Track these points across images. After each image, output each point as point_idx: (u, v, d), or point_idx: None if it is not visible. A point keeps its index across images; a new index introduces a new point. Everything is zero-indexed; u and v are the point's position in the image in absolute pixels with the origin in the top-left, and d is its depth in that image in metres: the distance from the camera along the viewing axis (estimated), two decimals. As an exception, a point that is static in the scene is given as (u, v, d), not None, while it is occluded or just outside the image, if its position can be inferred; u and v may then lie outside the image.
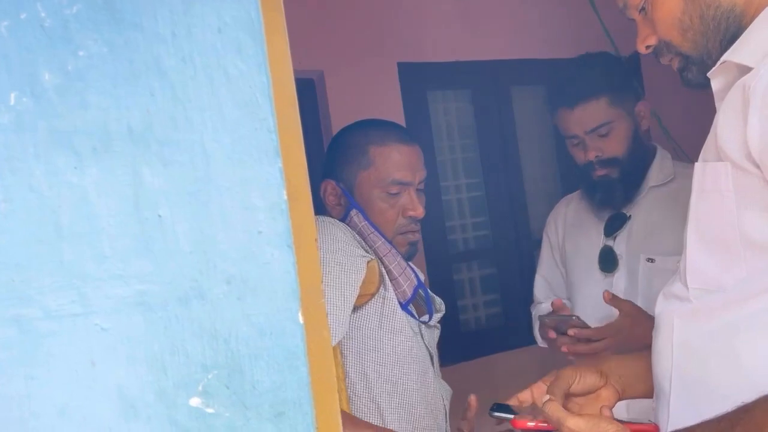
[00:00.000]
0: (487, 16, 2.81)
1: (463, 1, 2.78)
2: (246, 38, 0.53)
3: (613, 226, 1.52)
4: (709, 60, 0.80)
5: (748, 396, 0.72)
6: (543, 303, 1.71)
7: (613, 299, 1.33)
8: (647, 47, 0.87)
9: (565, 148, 3.36)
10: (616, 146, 1.46)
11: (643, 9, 0.84)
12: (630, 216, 1.51)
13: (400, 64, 2.68)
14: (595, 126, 1.44)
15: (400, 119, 2.65)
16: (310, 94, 2.59)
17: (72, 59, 0.48)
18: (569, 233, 1.67)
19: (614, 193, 1.49)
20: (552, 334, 1.41)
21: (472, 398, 0.93)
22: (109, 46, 0.49)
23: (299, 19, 2.41)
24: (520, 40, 2.87)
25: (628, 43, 1.21)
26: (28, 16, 0.47)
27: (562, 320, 1.38)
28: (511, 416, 0.86)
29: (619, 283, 1.49)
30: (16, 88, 0.46)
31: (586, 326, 1.37)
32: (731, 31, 0.78)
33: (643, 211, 1.50)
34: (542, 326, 1.45)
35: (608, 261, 1.51)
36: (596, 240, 1.55)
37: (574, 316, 1.39)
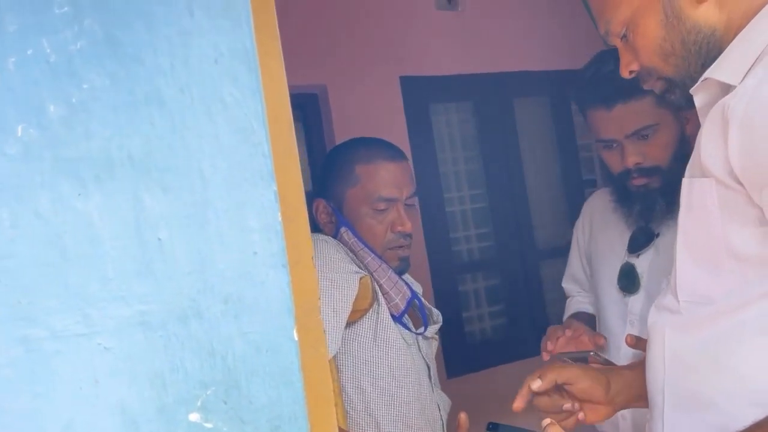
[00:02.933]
0: (488, 28, 2.84)
1: (463, 14, 2.81)
2: (241, 68, 0.56)
3: (638, 243, 1.32)
4: (691, 82, 0.82)
5: (740, 405, 0.73)
6: (577, 296, 1.55)
7: (637, 343, 1.15)
8: (630, 72, 0.88)
9: (568, 158, 3.37)
10: (659, 152, 1.23)
11: (624, 36, 0.86)
12: (658, 234, 1.29)
13: (402, 78, 2.72)
14: (637, 129, 1.22)
15: (403, 132, 2.68)
16: (313, 109, 2.63)
17: (76, 92, 0.51)
18: (595, 237, 1.47)
19: (655, 206, 1.27)
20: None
21: (462, 417, 0.93)
22: (111, 78, 0.52)
23: (302, 34, 2.45)
24: (521, 52, 2.89)
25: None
26: (34, 52, 0.49)
27: (579, 357, 1.24)
28: None
29: (635, 306, 1.31)
30: (23, 121, 0.49)
31: (607, 363, 1.22)
32: (712, 54, 0.79)
33: (673, 230, 1.21)
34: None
35: (628, 280, 1.33)
36: (619, 252, 1.36)
37: (592, 351, 1.25)
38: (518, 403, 0.95)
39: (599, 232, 1.45)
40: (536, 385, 0.94)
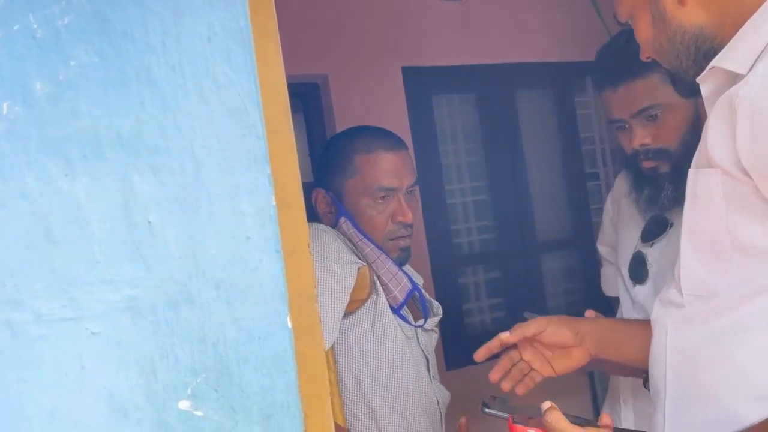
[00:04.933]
0: (492, 20, 2.82)
1: (467, 5, 2.78)
2: (235, 47, 0.54)
3: (651, 232, 1.29)
4: (687, 76, 0.83)
5: (740, 399, 0.72)
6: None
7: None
8: (647, 57, 0.89)
9: (570, 151, 3.35)
10: (667, 134, 1.19)
11: (627, 24, 0.87)
12: (672, 223, 1.25)
13: (404, 69, 2.69)
14: (642, 108, 1.19)
15: (405, 123, 2.66)
16: (314, 98, 2.61)
17: (63, 69, 0.49)
18: (619, 220, 1.43)
19: (663, 191, 1.22)
20: None
21: (462, 421, 0.92)
22: (100, 55, 0.50)
23: (304, 24, 2.42)
24: (524, 43, 2.87)
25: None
26: (20, 27, 0.48)
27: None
28: (506, 415, 0.85)
29: (639, 295, 1.29)
30: (8, 98, 0.47)
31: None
32: (703, 50, 0.79)
33: None
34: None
35: (637, 270, 1.31)
36: (634, 240, 1.33)
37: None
38: (480, 355, 1.02)
39: (621, 217, 1.41)
40: (505, 335, 1.00)
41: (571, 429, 0.77)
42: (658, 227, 1.28)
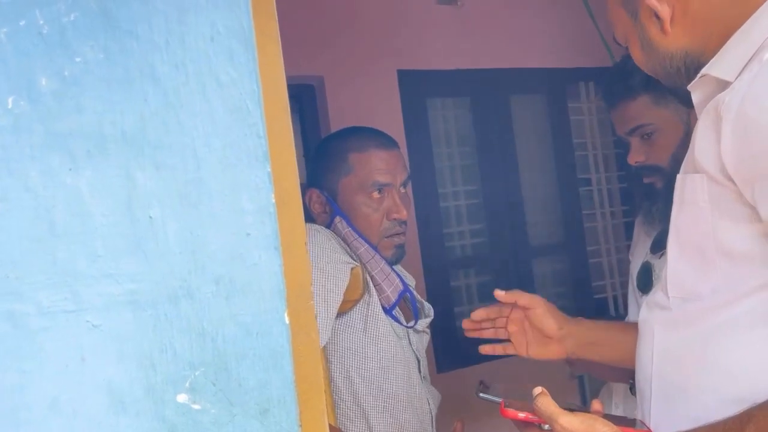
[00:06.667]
0: (487, 24, 2.84)
1: (462, 9, 2.80)
2: (237, 46, 0.55)
3: (660, 243, 1.33)
4: (680, 92, 0.86)
5: (724, 400, 0.73)
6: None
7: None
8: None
9: (563, 156, 3.37)
10: (659, 153, 1.28)
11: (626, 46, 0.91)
12: None
13: (399, 72, 2.70)
14: (633, 127, 1.29)
15: (399, 126, 2.67)
16: (310, 100, 2.61)
17: (69, 65, 0.50)
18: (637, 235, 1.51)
19: (656, 206, 1.31)
20: None
21: (458, 425, 0.93)
22: (105, 52, 0.51)
23: (300, 25, 2.43)
24: (519, 48, 2.89)
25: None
26: (26, 23, 0.48)
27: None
28: (499, 400, 0.85)
29: None
30: (14, 92, 0.48)
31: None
32: (693, 69, 0.83)
33: None
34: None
35: (644, 279, 1.37)
36: (644, 249, 1.40)
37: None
38: (477, 314, 1.10)
39: (638, 234, 1.48)
40: (500, 292, 1.06)
41: (560, 413, 0.77)
42: (665, 239, 1.31)
